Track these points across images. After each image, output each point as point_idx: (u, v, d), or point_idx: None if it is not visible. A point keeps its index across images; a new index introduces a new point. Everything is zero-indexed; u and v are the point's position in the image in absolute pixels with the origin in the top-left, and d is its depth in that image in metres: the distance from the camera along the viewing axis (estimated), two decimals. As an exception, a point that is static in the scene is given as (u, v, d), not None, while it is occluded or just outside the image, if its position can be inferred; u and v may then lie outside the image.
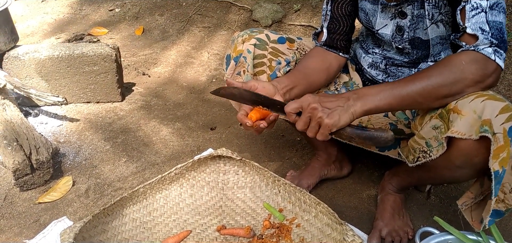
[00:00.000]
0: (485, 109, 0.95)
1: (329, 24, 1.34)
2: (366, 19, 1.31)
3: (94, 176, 1.70)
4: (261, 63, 1.37)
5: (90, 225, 1.18)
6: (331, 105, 1.02)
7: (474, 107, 0.97)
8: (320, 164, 1.59)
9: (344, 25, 1.34)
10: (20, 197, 1.59)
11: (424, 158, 1.12)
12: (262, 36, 1.37)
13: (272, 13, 2.88)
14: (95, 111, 2.14)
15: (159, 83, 2.43)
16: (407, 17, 1.20)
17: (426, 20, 1.17)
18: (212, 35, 2.90)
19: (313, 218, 1.28)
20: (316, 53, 1.36)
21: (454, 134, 0.99)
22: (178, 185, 1.43)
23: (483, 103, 0.96)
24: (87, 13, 3.30)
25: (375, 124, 1.34)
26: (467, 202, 1.13)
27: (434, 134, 1.08)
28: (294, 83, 1.24)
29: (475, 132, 0.96)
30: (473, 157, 1.00)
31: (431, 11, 1.15)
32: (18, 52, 2.07)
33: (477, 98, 0.98)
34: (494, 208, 1.02)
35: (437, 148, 1.07)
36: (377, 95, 1.03)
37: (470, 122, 0.97)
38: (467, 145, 0.99)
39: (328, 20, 1.35)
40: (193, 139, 1.93)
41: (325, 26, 1.35)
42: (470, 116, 0.97)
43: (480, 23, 1.00)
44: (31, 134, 1.69)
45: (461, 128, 0.98)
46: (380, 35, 1.29)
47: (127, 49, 2.79)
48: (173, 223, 1.38)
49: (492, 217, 1.04)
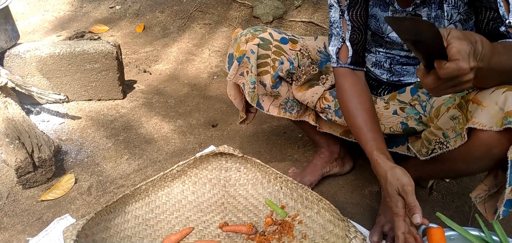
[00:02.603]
0: (508, 100, 0.94)
1: (351, 34, 1.23)
2: (376, 25, 1.28)
3: (96, 174, 1.70)
4: (265, 63, 1.35)
5: (92, 223, 1.18)
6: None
7: (495, 99, 0.97)
8: (322, 161, 1.58)
9: (364, 33, 1.26)
10: (22, 195, 1.60)
11: (440, 149, 1.12)
12: (266, 35, 1.35)
13: (273, 10, 2.87)
14: (96, 109, 2.14)
15: (160, 80, 2.43)
16: None
17: (445, 21, 1.15)
18: (213, 32, 2.90)
19: (315, 214, 1.28)
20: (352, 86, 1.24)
21: (475, 125, 0.99)
22: (180, 182, 1.43)
23: (505, 95, 0.95)
24: (87, 11, 3.30)
25: (386, 124, 1.33)
26: (481, 194, 1.13)
27: (452, 125, 1.08)
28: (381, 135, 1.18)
29: (496, 123, 0.96)
30: (493, 148, 1.00)
31: (450, 12, 1.14)
32: (19, 50, 2.07)
33: (497, 89, 0.97)
34: (509, 197, 1.03)
35: (455, 139, 1.07)
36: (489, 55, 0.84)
37: (491, 113, 0.97)
38: (488, 136, 0.99)
39: (350, 31, 1.23)
40: (195, 136, 1.93)
41: (347, 38, 1.23)
42: (491, 107, 0.97)
43: None
44: (33, 132, 1.69)
45: (483, 120, 0.98)
46: (390, 39, 1.26)
47: (128, 47, 2.79)
48: (175, 220, 1.38)
49: (506, 207, 1.05)
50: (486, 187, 1.12)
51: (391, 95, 1.34)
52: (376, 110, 1.28)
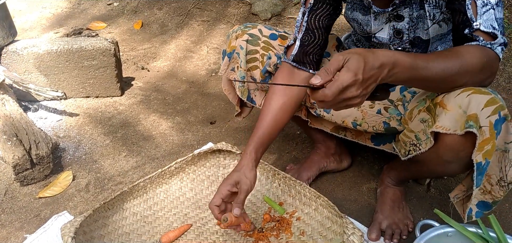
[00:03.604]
0: (471, 103, 0.95)
1: (304, 35, 1.26)
2: (360, 28, 1.28)
3: (94, 171, 1.70)
4: (254, 58, 1.38)
5: (90, 220, 1.18)
6: (369, 81, 0.87)
7: (459, 102, 0.97)
8: (319, 156, 1.59)
9: (319, 38, 1.26)
10: (20, 192, 1.60)
11: (414, 151, 1.13)
12: (255, 31, 1.38)
13: (271, 7, 2.87)
14: (94, 106, 2.13)
15: (159, 77, 2.43)
16: (404, 20, 1.18)
17: (427, 21, 1.15)
18: (211, 29, 2.89)
19: (313, 211, 1.29)
20: (281, 77, 1.28)
21: (439, 129, 1.00)
22: (179, 179, 1.43)
23: (469, 98, 0.96)
24: (85, 8, 3.28)
25: (369, 123, 1.34)
26: (459, 194, 1.14)
27: (422, 127, 1.09)
28: (261, 146, 1.23)
29: (460, 127, 0.97)
30: (459, 151, 1.01)
31: (431, 12, 1.13)
32: (17, 46, 2.06)
33: (463, 92, 0.98)
34: (481, 199, 1.04)
35: (426, 142, 1.08)
36: (407, 73, 0.91)
37: (455, 117, 0.97)
38: (452, 140, 1.00)
39: (303, 32, 1.26)
40: (193, 133, 1.93)
41: (299, 37, 1.27)
42: (455, 111, 0.98)
43: (491, 21, 0.98)
44: (31, 129, 1.69)
45: (446, 123, 0.99)
46: (377, 39, 1.26)
47: (126, 44, 2.78)
48: (173, 217, 1.38)
49: (480, 209, 1.06)
50: (464, 188, 1.12)
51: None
52: (361, 108, 1.32)
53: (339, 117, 1.38)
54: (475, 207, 1.06)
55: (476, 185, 1.00)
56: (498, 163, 0.98)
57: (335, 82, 0.83)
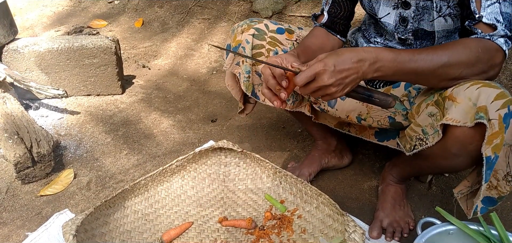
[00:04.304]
0: (480, 96, 0.95)
1: (331, 7, 1.35)
2: (369, 5, 1.30)
3: (96, 169, 1.70)
4: (260, 53, 1.37)
5: (92, 217, 1.18)
6: (346, 73, 0.95)
7: (469, 95, 0.97)
8: (320, 153, 1.59)
9: (345, 10, 1.34)
10: (22, 190, 1.60)
11: (420, 146, 1.13)
12: (261, 26, 1.37)
13: (272, 4, 2.87)
14: (95, 104, 2.13)
15: (159, 75, 2.43)
16: (411, 8, 1.19)
17: (433, 12, 1.16)
18: (212, 27, 2.89)
19: (314, 209, 1.29)
20: (318, 33, 1.36)
21: (448, 121, 1.00)
22: (180, 177, 1.43)
23: (478, 90, 0.96)
24: (86, 6, 3.28)
25: (374, 117, 1.34)
26: (463, 190, 1.13)
27: (430, 122, 1.08)
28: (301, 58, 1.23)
29: (470, 119, 0.96)
30: (468, 144, 1.01)
31: (439, 4, 1.14)
32: (18, 45, 2.06)
33: (472, 85, 0.98)
34: (487, 195, 1.04)
35: (433, 136, 1.08)
36: (392, 66, 0.99)
37: (465, 109, 0.97)
38: (462, 132, 0.99)
39: (330, 4, 1.35)
40: (194, 131, 1.93)
41: (326, 9, 1.35)
42: (465, 103, 0.98)
43: (495, 14, 0.99)
44: (32, 127, 1.69)
45: (456, 116, 0.99)
46: (383, 24, 1.28)
47: (126, 42, 2.78)
48: (174, 215, 1.38)
49: (485, 205, 1.05)
50: (468, 184, 1.12)
51: (386, 88, 1.34)
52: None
53: (343, 112, 1.38)
54: (480, 203, 1.05)
55: (485, 180, 0.99)
56: (505, 158, 0.98)
57: (307, 69, 0.95)
